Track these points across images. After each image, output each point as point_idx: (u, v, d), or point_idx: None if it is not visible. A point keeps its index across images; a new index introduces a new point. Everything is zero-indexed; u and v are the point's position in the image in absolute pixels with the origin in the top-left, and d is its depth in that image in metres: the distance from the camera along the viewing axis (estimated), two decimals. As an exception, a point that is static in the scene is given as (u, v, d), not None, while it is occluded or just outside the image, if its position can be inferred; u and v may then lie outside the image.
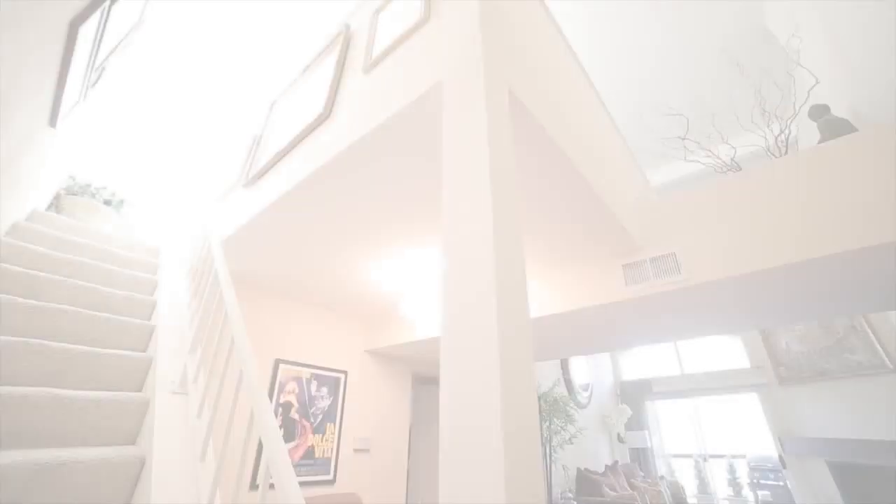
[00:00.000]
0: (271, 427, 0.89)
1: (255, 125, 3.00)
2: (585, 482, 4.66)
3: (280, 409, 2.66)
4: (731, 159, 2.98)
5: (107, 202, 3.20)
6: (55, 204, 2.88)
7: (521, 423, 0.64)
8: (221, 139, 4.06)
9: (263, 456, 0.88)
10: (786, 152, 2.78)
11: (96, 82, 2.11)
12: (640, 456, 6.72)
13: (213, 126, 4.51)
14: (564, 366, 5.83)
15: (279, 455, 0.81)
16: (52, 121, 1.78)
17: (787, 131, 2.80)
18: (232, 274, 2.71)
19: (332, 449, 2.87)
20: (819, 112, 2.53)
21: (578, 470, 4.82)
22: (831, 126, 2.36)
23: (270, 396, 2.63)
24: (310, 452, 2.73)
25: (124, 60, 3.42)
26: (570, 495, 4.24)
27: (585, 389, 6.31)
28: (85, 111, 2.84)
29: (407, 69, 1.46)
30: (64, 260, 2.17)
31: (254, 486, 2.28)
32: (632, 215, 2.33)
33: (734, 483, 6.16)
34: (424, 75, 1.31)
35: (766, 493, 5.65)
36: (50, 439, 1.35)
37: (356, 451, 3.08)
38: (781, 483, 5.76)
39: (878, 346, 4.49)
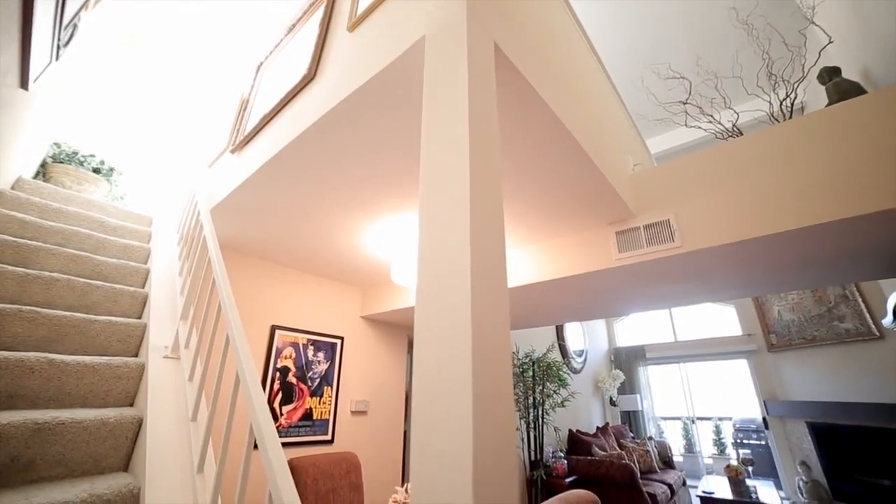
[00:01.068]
0: (255, 391, 0.91)
1: (243, 88, 2.89)
2: (576, 442, 4.86)
3: (278, 374, 2.73)
4: (733, 125, 2.89)
5: (96, 170, 3.14)
6: (42, 172, 2.83)
7: (493, 389, 0.65)
8: (213, 103, 3.94)
9: (248, 417, 0.91)
10: (790, 118, 2.69)
11: (69, 41, 2.01)
12: (631, 418, 6.98)
13: (204, 90, 4.37)
14: (559, 332, 5.94)
15: (262, 418, 0.84)
16: (24, 83, 1.71)
17: (792, 95, 2.70)
18: (225, 241, 2.72)
19: (329, 411, 2.97)
20: (829, 74, 2.41)
21: (570, 431, 5.02)
22: (840, 89, 2.26)
23: (268, 361, 2.70)
24: (308, 414, 2.83)
25: (106, 23, 3.26)
26: (561, 454, 4.44)
27: (580, 355, 6.46)
28: (64, 75, 2.73)
29: (391, 25, 1.39)
30: (54, 229, 2.16)
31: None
32: (627, 181, 2.29)
33: (719, 443, 6.45)
34: (408, 31, 1.24)
35: (747, 451, 5.94)
36: (49, 401, 1.40)
37: (354, 413, 3.20)
38: (763, 442, 6.05)
39: (866, 314, 4.55)
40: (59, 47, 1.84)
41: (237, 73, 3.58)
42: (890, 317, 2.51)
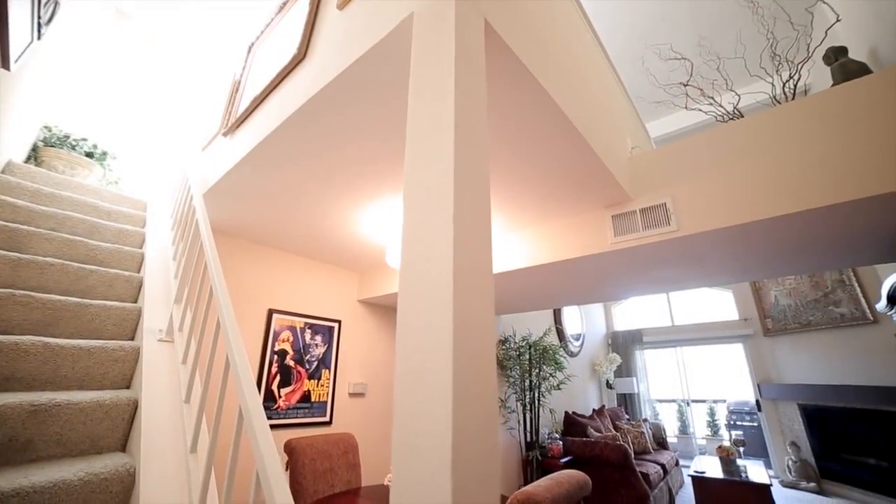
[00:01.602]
0: (244, 374, 0.92)
1: (235, 70, 2.83)
2: (572, 424, 4.95)
3: (276, 357, 2.76)
4: (734, 107, 2.84)
5: (89, 154, 3.11)
6: (33, 156, 2.80)
7: (474, 373, 0.65)
8: (208, 85, 3.87)
9: (238, 399, 0.92)
10: (793, 100, 2.64)
11: (50, 19, 1.95)
12: (627, 401, 7.09)
13: (199, 72, 4.28)
14: (557, 316, 5.98)
15: (251, 400, 0.84)
16: (4, 62, 1.67)
17: (796, 76, 2.64)
18: (220, 225, 2.71)
19: (328, 393, 3.02)
20: (835, 55, 2.35)
21: (566, 413, 5.10)
22: (846, 70, 2.20)
23: (265, 344, 2.73)
24: (307, 396, 2.88)
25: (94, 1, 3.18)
26: (557, 436, 4.52)
27: (577, 339, 6.52)
28: (52, 56, 2.67)
29: (381, 1, 1.35)
30: (47, 213, 2.15)
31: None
32: (624, 164, 2.27)
33: (713, 425, 6.57)
34: (397, 8, 1.20)
35: (739, 432, 6.06)
36: (45, 384, 1.41)
37: (352, 395, 3.25)
38: (755, 424, 6.18)
39: (861, 299, 4.57)
40: (40, 25, 1.79)
41: (231, 53, 3.50)
42: (884, 301, 2.52)
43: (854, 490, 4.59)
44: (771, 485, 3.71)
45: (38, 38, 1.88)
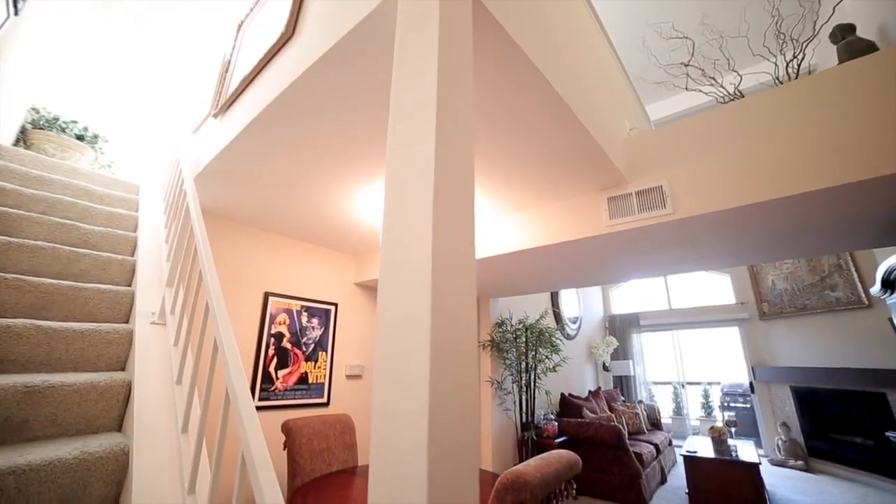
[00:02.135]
0: (232, 358, 0.92)
1: (225, 49, 2.77)
2: (568, 405, 5.03)
3: (272, 339, 2.79)
4: (735, 88, 2.78)
5: (79, 137, 3.07)
6: (22, 139, 2.76)
7: (453, 357, 0.65)
8: (200, 66, 3.78)
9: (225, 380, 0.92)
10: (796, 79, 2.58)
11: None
12: (623, 383, 7.19)
13: (192, 52, 4.18)
14: (554, 299, 6.01)
15: (237, 382, 0.85)
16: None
17: (800, 55, 2.57)
18: (214, 208, 2.70)
19: (325, 375, 3.06)
20: (842, 33, 2.27)
21: (562, 395, 5.18)
22: (852, 49, 2.13)
23: (262, 327, 2.75)
24: (304, 378, 2.92)
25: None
26: (552, 416, 4.61)
27: (574, 322, 6.57)
28: (39, 36, 2.61)
29: (369, -24, 1.30)
30: (37, 197, 2.13)
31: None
32: (620, 146, 2.23)
33: (706, 406, 6.69)
34: (384, -18, 1.16)
35: (732, 414, 6.18)
36: (40, 366, 1.43)
37: (349, 377, 3.29)
38: (748, 406, 6.29)
39: (858, 284, 4.59)
40: (15, 0, 1.74)
41: (221, 33, 3.41)
42: (878, 285, 2.52)
43: (840, 468, 4.73)
44: (760, 463, 3.79)
45: (16, 13, 1.82)
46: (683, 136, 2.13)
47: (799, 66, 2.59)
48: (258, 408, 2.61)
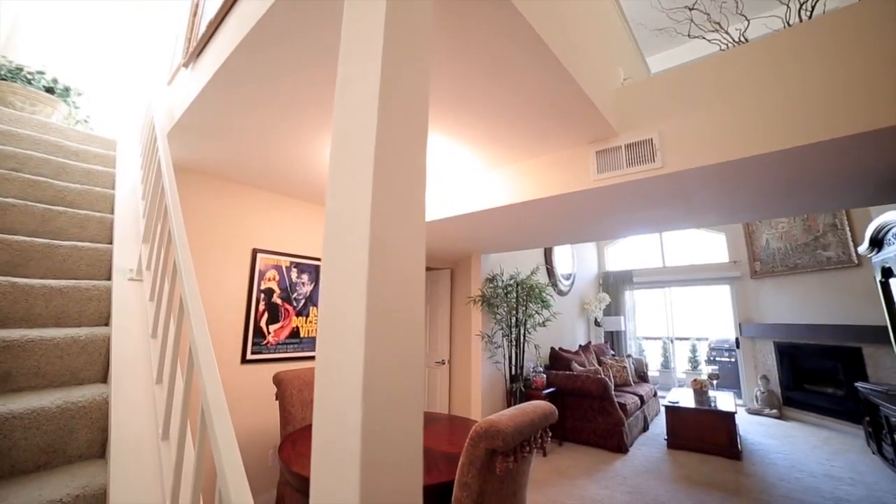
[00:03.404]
0: (196, 317, 0.93)
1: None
2: (557, 359, 5.22)
3: (262, 295, 2.83)
4: (741, 34, 2.60)
5: (48, 90, 2.93)
6: (-16, 91, 2.63)
7: (395, 313, 0.65)
8: (179, 13, 3.53)
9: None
10: (806, 23, 2.40)
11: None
12: (614, 338, 7.41)
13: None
14: (548, 255, 6.04)
15: (200, 342, 0.86)
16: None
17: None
18: (196, 163, 2.62)
19: (317, 329, 3.13)
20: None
21: (552, 349, 5.35)
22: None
23: (251, 283, 2.78)
24: (295, 333, 2.99)
25: None
26: (541, 369, 4.79)
27: (567, 279, 6.65)
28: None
29: None
30: (5, 153, 2.07)
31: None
32: (612, 97, 2.13)
33: (693, 360, 6.94)
34: None
35: (716, 367, 6.42)
36: (20, 322, 1.45)
37: (341, 333, 3.37)
38: (733, 360, 6.52)
39: (850, 243, 4.58)
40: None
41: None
42: (866, 242, 2.51)
43: (810, 415, 5.03)
44: (736, 412, 3.99)
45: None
46: (677, 85, 2.02)
47: (813, 7, 2.40)
48: (251, 361, 2.70)
